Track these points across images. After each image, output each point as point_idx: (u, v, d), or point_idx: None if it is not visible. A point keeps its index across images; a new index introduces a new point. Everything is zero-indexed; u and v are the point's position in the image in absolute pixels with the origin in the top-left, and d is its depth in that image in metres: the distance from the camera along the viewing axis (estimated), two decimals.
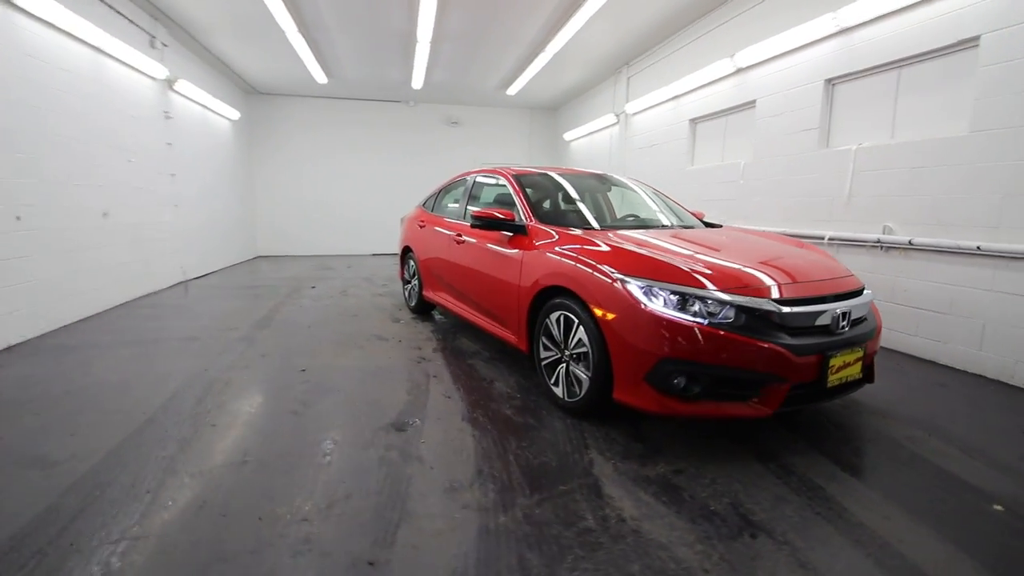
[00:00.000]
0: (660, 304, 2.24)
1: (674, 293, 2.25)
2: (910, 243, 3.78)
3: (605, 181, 3.99)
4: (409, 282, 5.27)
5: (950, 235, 3.54)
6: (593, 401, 2.53)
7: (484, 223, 3.35)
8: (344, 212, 11.08)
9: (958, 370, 3.52)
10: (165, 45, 6.29)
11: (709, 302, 2.21)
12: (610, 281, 2.40)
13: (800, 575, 1.57)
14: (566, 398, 2.71)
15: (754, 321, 2.20)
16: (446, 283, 4.28)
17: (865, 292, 2.56)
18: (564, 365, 2.73)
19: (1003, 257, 3.24)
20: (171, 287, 6.58)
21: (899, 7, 3.79)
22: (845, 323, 2.35)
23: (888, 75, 4.05)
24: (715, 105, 6.08)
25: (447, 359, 3.68)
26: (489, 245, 3.49)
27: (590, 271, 2.51)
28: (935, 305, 3.68)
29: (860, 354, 2.37)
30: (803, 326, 2.26)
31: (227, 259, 8.90)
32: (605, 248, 2.64)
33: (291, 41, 6.75)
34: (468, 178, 4.36)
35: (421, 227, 4.89)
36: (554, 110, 11.88)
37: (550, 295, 2.84)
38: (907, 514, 1.89)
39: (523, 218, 3.25)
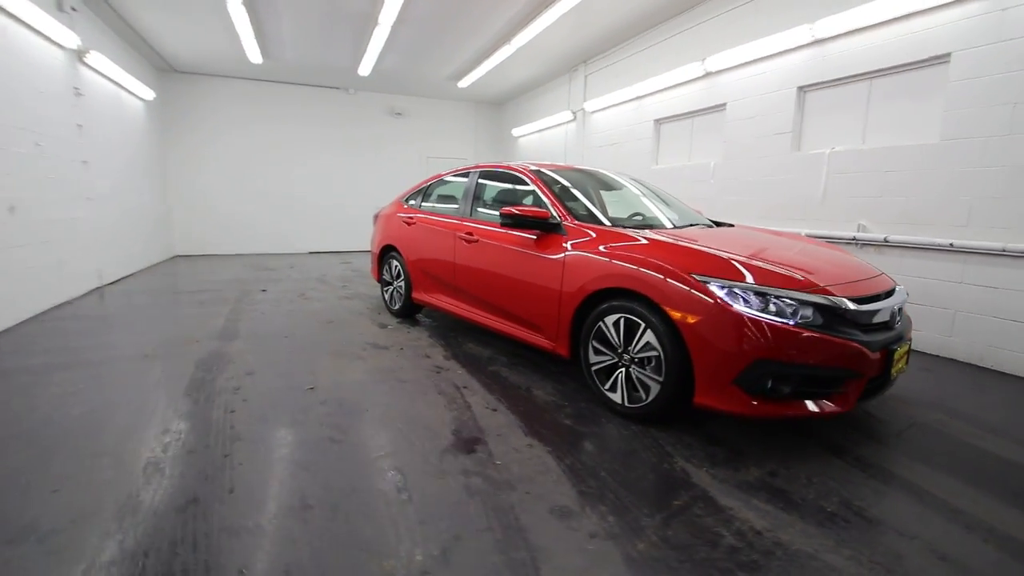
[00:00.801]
0: (746, 305, 2.21)
1: (757, 294, 2.23)
2: (885, 240, 4.13)
3: (606, 178, 3.92)
4: (390, 284, 4.88)
5: (922, 233, 3.91)
6: (663, 407, 2.45)
7: (516, 221, 3.15)
8: (276, 207, 10.12)
9: (933, 355, 3.91)
10: (74, 9, 5.28)
11: (790, 302, 2.21)
12: (688, 283, 2.32)
13: (945, 569, 1.60)
14: (627, 404, 2.61)
15: (831, 319, 2.24)
16: (447, 285, 4.00)
17: (899, 288, 2.72)
18: (623, 370, 2.62)
19: (973, 253, 3.63)
20: (87, 294, 5.58)
21: (875, 22, 4.11)
22: (900, 318, 2.48)
23: (860, 85, 4.39)
24: (682, 107, 6.28)
25: (466, 367, 3.43)
26: (513, 246, 3.29)
27: (662, 273, 2.42)
28: (910, 296, 4.05)
29: (908, 347, 2.51)
30: (869, 323, 2.34)
31: (144, 260, 7.76)
32: (668, 248, 2.56)
33: (230, 12, 5.97)
34: (470, 173, 4.10)
35: (408, 224, 4.54)
36: (499, 105, 11.72)
37: (601, 298, 2.72)
38: (992, 497, 2.01)
39: (557, 217, 3.09)
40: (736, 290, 2.24)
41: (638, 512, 1.85)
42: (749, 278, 2.27)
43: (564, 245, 2.96)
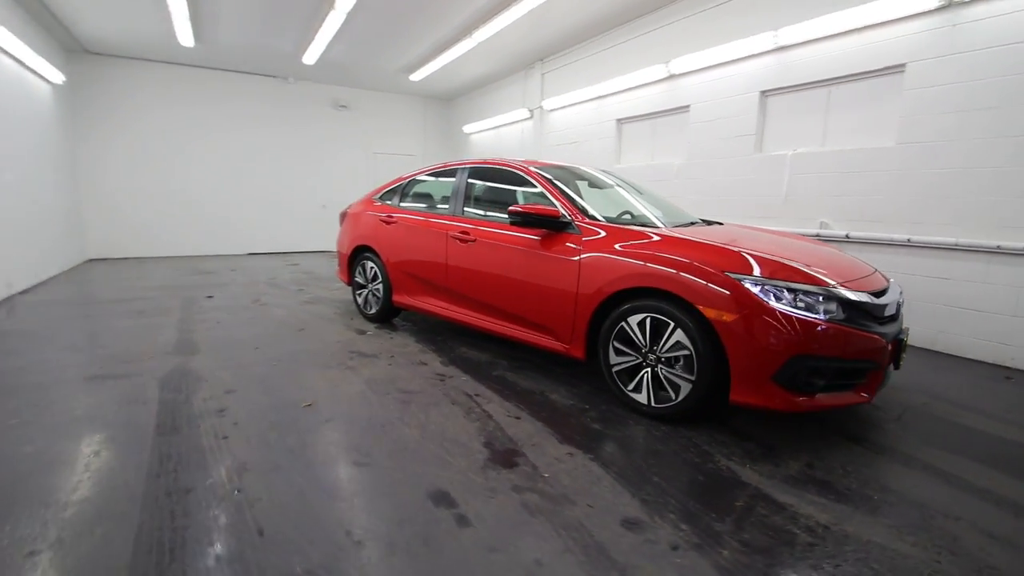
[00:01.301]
0: (781, 302, 2.24)
1: (789, 290, 2.27)
2: (847, 236, 4.43)
3: (593, 175, 3.88)
4: (364, 287, 4.58)
5: (881, 230, 4.24)
6: (693, 406, 2.45)
7: (526, 220, 3.03)
8: (206, 206, 9.24)
9: None
10: None
11: (819, 297, 2.27)
12: (723, 281, 2.33)
13: (999, 546, 1.70)
14: (654, 404, 2.59)
15: (852, 314, 2.33)
16: (436, 287, 3.80)
17: (892, 282, 2.90)
18: (648, 370, 2.59)
19: (927, 247, 3.98)
20: None
21: (835, 32, 4.39)
22: (902, 311, 2.64)
23: (821, 91, 4.68)
24: (645, 107, 6.42)
25: (470, 373, 3.26)
26: (518, 246, 3.17)
27: (694, 272, 2.40)
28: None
29: (906, 337, 2.68)
30: (883, 316, 2.47)
31: (56, 265, 6.79)
32: (691, 246, 2.55)
33: None
34: (458, 170, 3.91)
35: (387, 224, 4.27)
36: (449, 101, 11.46)
37: (621, 298, 2.68)
38: (1007, 475, 2.18)
39: (568, 215, 3.01)
40: (770, 287, 2.27)
41: (707, 518, 1.81)
42: (780, 275, 2.31)
43: (577, 245, 2.88)
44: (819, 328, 2.21)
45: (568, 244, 2.92)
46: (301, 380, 3.08)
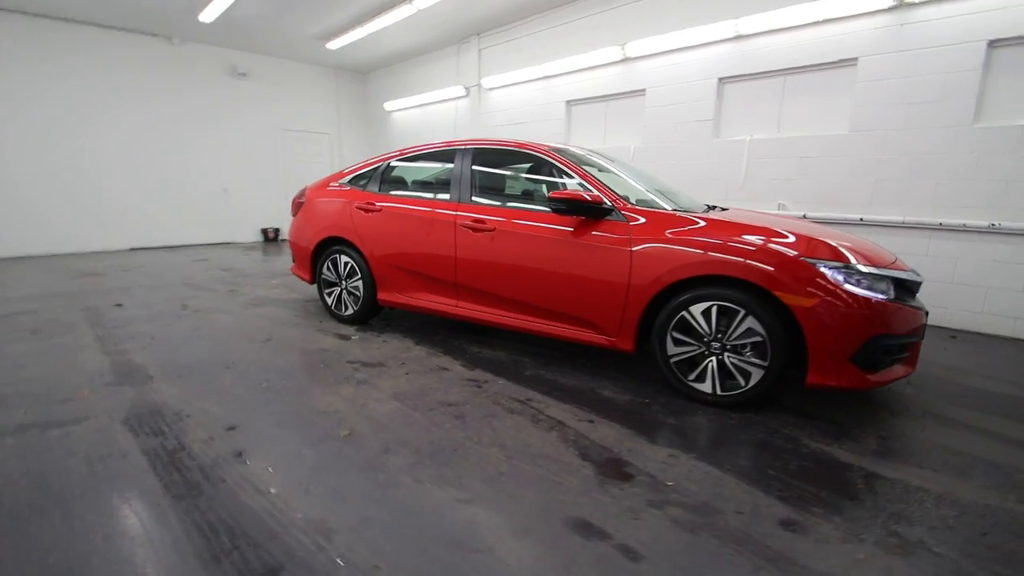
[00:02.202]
0: (855, 285, 2.30)
1: (860, 273, 2.34)
2: (804, 216, 4.81)
3: (595, 158, 3.76)
4: (336, 285, 4.01)
5: (835, 211, 4.66)
6: (763, 391, 2.46)
7: (570, 207, 2.80)
8: (72, 192, 7.57)
9: None
10: None
11: (880, 278, 2.38)
12: (800, 266, 2.33)
13: None
14: (719, 392, 2.56)
15: (899, 291, 2.48)
16: (441, 282, 3.43)
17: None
18: (713, 359, 2.55)
19: (878, 225, 4.44)
20: None
21: (793, 25, 4.66)
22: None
23: (777, 79, 4.98)
24: (598, 89, 6.40)
25: (504, 376, 2.99)
26: (552, 235, 2.93)
27: (765, 258, 2.38)
28: None
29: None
30: (917, 292, 2.66)
31: None
32: (754, 230, 2.52)
33: None
34: (457, 151, 3.51)
35: (367, 212, 3.74)
36: (365, 74, 10.55)
37: (679, 288, 2.59)
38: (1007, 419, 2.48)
39: (609, 202, 2.83)
40: (843, 271, 2.32)
41: (851, 509, 1.79)
42: (850, 259, 2.37)
43: (626, 233, 2.73)
44: (888, 307, 2.31)
45: (614, 233, 2.76)
46: (313, 402, 2.58)
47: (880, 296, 2.31)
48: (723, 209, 3.67)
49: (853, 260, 2.36)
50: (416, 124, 9.52)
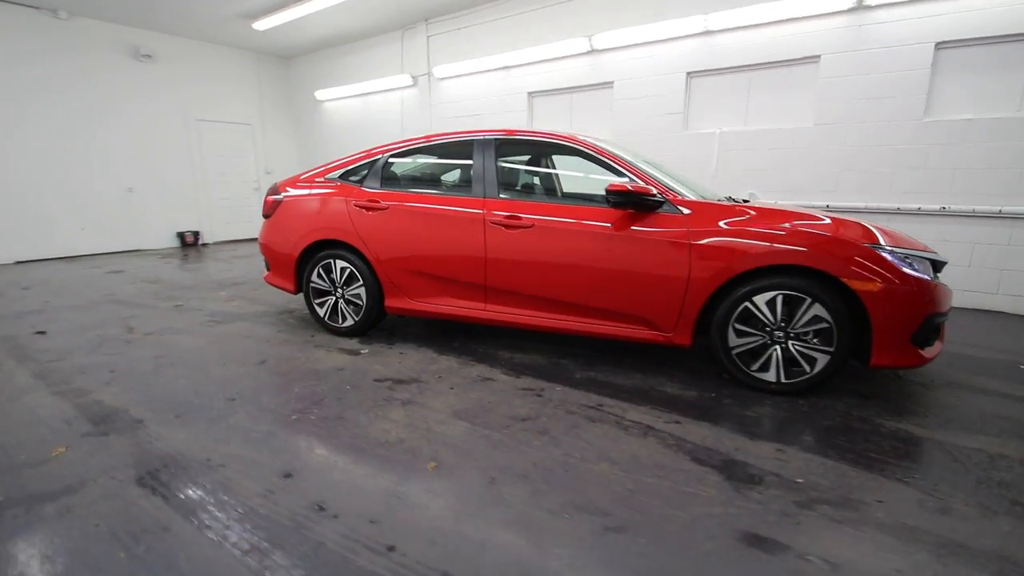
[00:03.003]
0: (911, 268, 2.42)
1: (912, 257, 2.47)
2: (775, 203, 5.10)
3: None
4: (329, 294, 3.57)
5: (803, 199, 4.99)
6: (828, 376, 2.52)
7: (629, 201, 2.67)
8: None
9: None
10: None
11: (924, 260, 2.53)
12: (864, 252, 2.40)
13: None
14: (784, 380, 2.59)
15: (933, 273, 2.66)
16: (468, 285, 3.15)
17: None
18: (778, 348, 2.58)
19: (841, 211, 4.82)
20: None
21: (760, 22, 4.89)
22: None
23: (743, 75, 5.21)
24: (563, 81, 6.33)
25: (557, 382, 2.80)
26: (597, 231, 2.80)
27: (832, 246, 2.42)
28: None
29: None
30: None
31: None
32: (820, 219, 2.56)
33: None
34: (474, 142, 3.23)
35: (370, 210, 3.35)
36: (289, 59, 9.62)
37: (743, 278, 2.58)
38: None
39: (659, 194, 2.74)
40: (899, 255, 2.44)
41: (963, 484, 1.87)
42: (897, 243, 2.49)
43: (682, 226, 2.66)
44: (935, 287, 2.46)
45: (670, 225, 2.68)
46: (366, 432, 2.24)
47: (927, 277, 2.46)
48: (745, 200, 3.77)
49: (903, 244, 2.49)
50: (355, 115, 8.85)
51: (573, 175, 3.47)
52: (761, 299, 2.54)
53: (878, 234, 2.49)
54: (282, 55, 9.36)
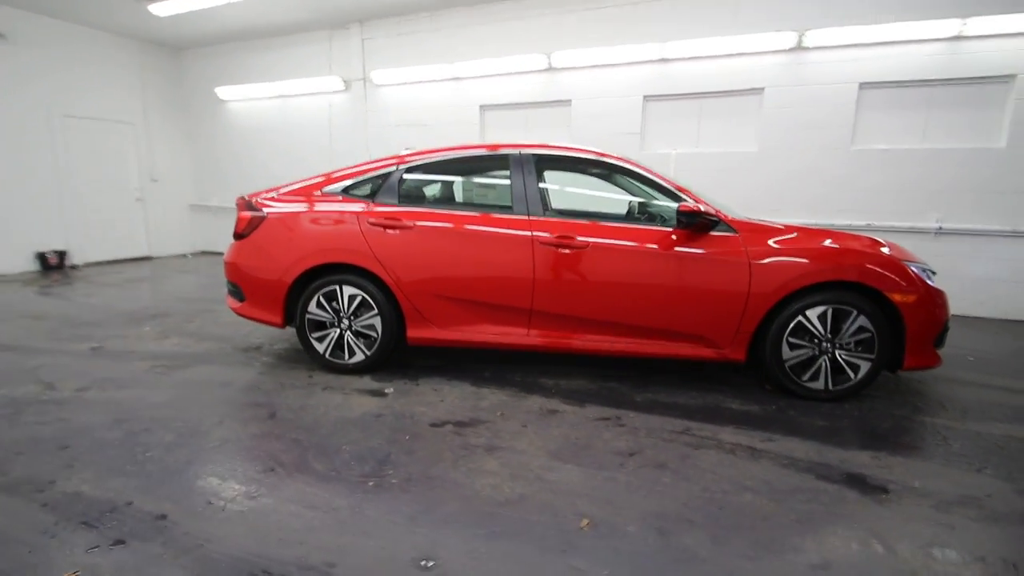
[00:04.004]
0: (930, 280, 2.75)
1: (926, 270, 2.80)
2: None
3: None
4: (332, 326, 3.07)
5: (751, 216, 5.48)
6: (868, 381, 2.76)
7: (694, 220, 2.67)
8: None
9: None
10: None
11: (931, 273, 2.89)
12: (901, 269, 2.66)
13: None
14: (831, 388, 2.77)
15: None
16: (510, 309, 2.92)
17: None
18: (825, 358, 2.75)
19: None
20: None
21: (711, 54, 5.31)
22: None
23: (695, 101, 5.60)
24: (518, 96, 6.28)
25: (626, 408, 2.69)
26: (655, 252, 2.77)
27: (879, 263, 2.65)
28: None
29: None
30: None
31: None
32: (847, 238, 2.80)
33: None
34: (510, 156, 3.00)
35: (388, 229, 2.95)
36: (179, 51, 8.32)
37: (796, 295, 2.73)
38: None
39: (713, 213, 2.79)
40: (920, 269, 2.75)
41: None
42: (915, 259, 2.82)
43: (739, 245, 2.75)
44: (945, 296, 2.82)
45: (727, 245, 2.75)
46: (470, 492, 1.92)
47: (938, 287, 2.81)
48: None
49: (920, 259, 2.82)
50: (271, 119, 7.90)
51: (619, 197, 3.41)
52: (813, 313, 2.70)
53: (908, 251, 2.79)
54: (173, 44, 8.06)
